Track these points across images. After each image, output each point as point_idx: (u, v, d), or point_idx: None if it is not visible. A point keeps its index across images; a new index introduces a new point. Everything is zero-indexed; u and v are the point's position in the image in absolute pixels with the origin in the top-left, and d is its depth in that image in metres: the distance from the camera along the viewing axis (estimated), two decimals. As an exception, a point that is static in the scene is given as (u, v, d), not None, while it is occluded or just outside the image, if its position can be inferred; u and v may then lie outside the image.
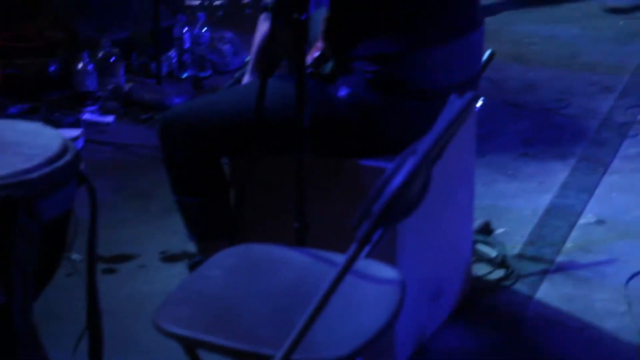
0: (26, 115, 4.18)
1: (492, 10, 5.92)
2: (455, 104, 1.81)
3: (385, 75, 2.45)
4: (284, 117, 2.44)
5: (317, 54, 2.53)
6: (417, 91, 2.49)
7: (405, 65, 2.46)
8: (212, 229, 2.65)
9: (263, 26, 2.68)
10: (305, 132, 2.25)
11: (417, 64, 2.47)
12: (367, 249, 1.79)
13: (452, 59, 2.53)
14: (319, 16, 2.55)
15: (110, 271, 3.05)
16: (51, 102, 4.31)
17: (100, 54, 4.39)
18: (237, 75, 3.31)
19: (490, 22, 5.64)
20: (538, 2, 6.04)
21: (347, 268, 1.71)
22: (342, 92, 2.48)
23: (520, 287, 2.97)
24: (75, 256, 2.96)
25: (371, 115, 2.48)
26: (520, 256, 3.13)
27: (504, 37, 5.39)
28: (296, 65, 2.24)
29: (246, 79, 2.82)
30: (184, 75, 4.68)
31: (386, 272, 2.02)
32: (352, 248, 1.73)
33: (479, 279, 2.99)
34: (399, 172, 1.72)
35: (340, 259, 1.74)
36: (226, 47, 4.80)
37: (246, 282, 2.01)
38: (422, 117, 2.49)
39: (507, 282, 2.98)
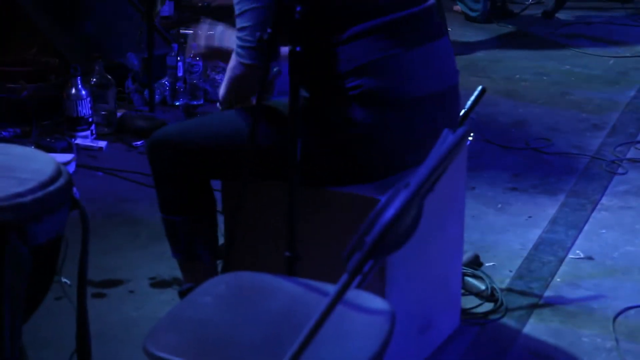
0: (18, 139, 4.19)
1: (482, 46, 5.97)
2: (448, 138, 1.83)
3: (367, 87, 2.47)
4: (274, 145, 2.46)
5: None
6: (399, 100, 2.51)
7: (381, 72, 2.49)
8: (197, 249, 2.66)
9: (236, 70, 2.64)
10: (297, 165, 2.26)
11: (392, 69, 2.50)
12: (357, 279, 1.80)
13: (425, 64, 2.57)
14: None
15: (99, 296, 3.05)
16: (43, 126, 4.32)
17: (93, 80, 4.40)
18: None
19: (481, 58, 5.73)
20: (528, 41, 6.09)
21: (337, 298, 1.72)
22: (326, 114, 2.50)
23: (509, 320, 2.98)
24: (64, 280, 2.96)
25: (358, 134, 2.48)
26: (509, 290, 3.14)
27: (494, 74, 5.43)
28: (289, 98, 2.26)
29: None
30: (177, 103, 4.70)
31: (376, 303, 2.03)
32: (343, 278, 1.73)
33: (468, 312, 3.00)
34: (391, 204, 1.73)
35: (330, 289, 1.75)
36: (219, 77, 4.82)
37: (236, 310, 2.01)
38: (406, 133, 2.52)
39: (495, 316, 2.99)
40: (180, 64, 4.73)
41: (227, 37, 2.73)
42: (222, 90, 2.70)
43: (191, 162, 2.59)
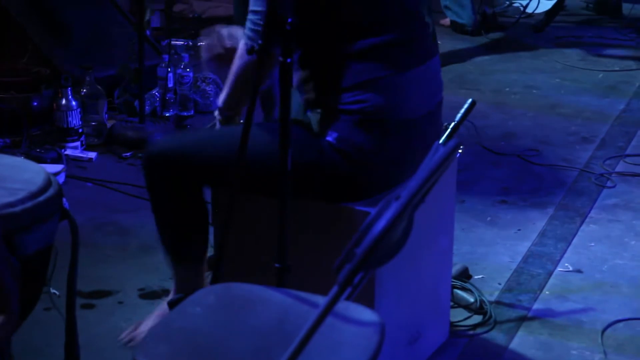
0: (8, 149, 4.18)
1: (471, 58, 5.98)
2: (438, 151, 1.83)
3: (368, 105, 2.48)
4: (268, 162, 2.46)
5: None
6: (397, 122, 2.52)
7: (384, 90, 2.50)
8: (191, 253, 2.71)
9: (245, 57, 2.65)
10: (288, 176, 2.27)
11: (394, 88, 2.52)
12: (347, 291, 1.80)
13: (420, 84, 2.59)
14: None
15: (89, 306, 3.05)
16: (33, 137, 4.32)
17: (83, 91, 4.40)
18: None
19: (470, 71, 5.75)
20: (518, 54, 6.11)
21: (327, 310, 1.72)
22: (330, 137, 2.51)
23: (497, 333, 2.98)
24: (53, 291, 2.96)
25: (358, 158, 2.50)
26: (498, 302, 3.15)
27: (484, 87, 5.45)
28: (281, 108, 2.26)
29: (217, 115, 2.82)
30: (167, 114, 4.70)
31: (365, 314, 2.03)
32: (333, 290, 1.74)
33: (457, 324, 3.00)
34: (382, 216, 1.73)
35: (320, 300, 1.75)
36: (209, 88, 4.83)
37: (227, 321, 2.01)
38: (403, 155, 2.54)
39: (485, 328, 3.00)
40: (170, 75, 4.74)
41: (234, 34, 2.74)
42: (225, 91, 2.69)
43: (187, 177, 2.60)
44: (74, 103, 4.26)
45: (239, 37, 2.67)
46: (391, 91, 2.51)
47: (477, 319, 3.04)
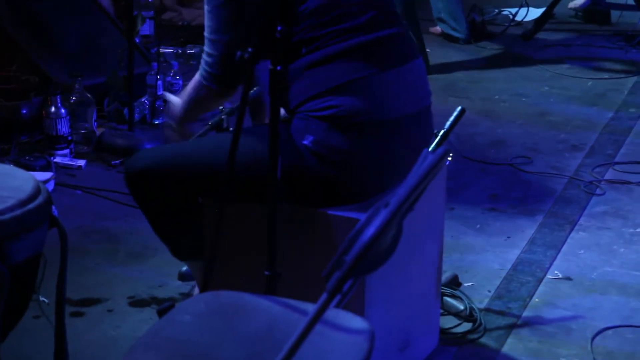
0: (-4, 157, 4.19)
1: (461, 67, 6.00)
2: (427, 158, 1.84)
3: (341, 110, 2.49)
4: (256, 169, 2.46)
5: None
6: (376, 123, 2.52)
7: (361, 91, 2.51)
8: (192, 249, 2.72)
9: (201, 91, 2.74)
10: (278, 183, 2.27)
11: (372, 89, 2.52)
12: (336, 298, 1.80)
13: (400, 85, 2.59)
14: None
15: (78, 314, 3.04)
16: (22, 144, 4.31)
17: (73, 99, 4.40)
18: (210, 122, 3.33)
19: (460, 79, 5.76)
20: (507, 62, 6.13)
21: (317, 317, 1.72)
22: (307, 140, 2.51)
23: (487, 340, 2.98)
24: (43, 299, 2.95)
25: (336, 160, 2.50)
26: (488, 310, 3.15)
27: (474, 95, 5.46)
28: (271, 115, 2.26)
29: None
30: (156, 122, 4.69)
31: (355, 322, 2.03)
32: (323, 298, 1.74)
33: (446, 332, 3.01)
34: (371, 223, 1.73)
35: (310, 308, 1.75)
36: (198, 96, 4.82)
37: (216, 329, 2.01)
38: (384, 156, 2.54)
39: (474, 336, 3.00)
40: (159, 82, 4.73)
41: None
42: (180, 109, 2.77)
43: (173, 191, 2.61)
44: (63, 111, 4.25)
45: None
46: (368, 92, 2.52)
47: (466, 326, 3.05)
